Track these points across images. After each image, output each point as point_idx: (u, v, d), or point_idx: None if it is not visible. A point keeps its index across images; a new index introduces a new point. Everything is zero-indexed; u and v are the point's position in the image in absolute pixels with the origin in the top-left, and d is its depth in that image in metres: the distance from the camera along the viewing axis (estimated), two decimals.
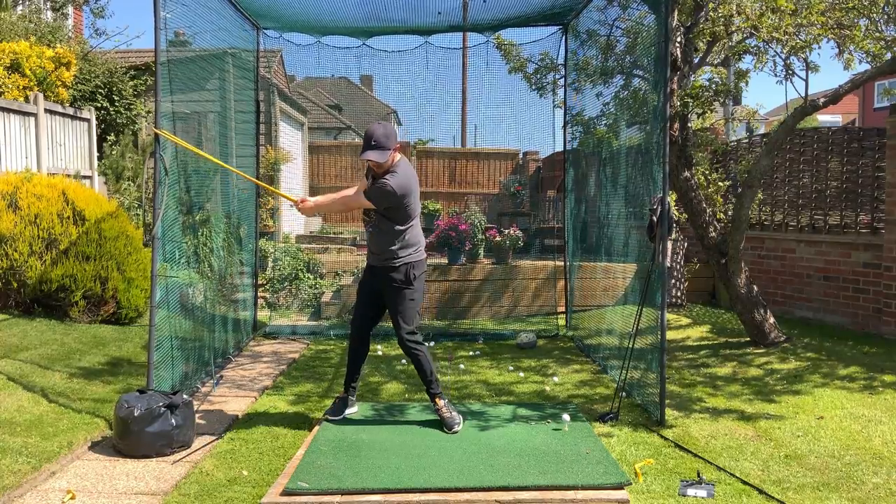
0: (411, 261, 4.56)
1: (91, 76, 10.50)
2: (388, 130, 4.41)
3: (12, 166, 7.99)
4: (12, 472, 3.66)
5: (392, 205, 4.44)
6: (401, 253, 4.53)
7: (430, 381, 4.65)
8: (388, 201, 4.42)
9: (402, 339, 4.57)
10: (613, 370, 5.87)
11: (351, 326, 4.82)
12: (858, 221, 7.36)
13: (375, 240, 4.57)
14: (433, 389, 4.66)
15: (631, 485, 3.69)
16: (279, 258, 9.58)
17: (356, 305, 4.78)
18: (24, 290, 6.62)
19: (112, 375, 5.44)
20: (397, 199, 4.42)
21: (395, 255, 4.52)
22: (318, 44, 7.60)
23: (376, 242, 4.57)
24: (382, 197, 4.42)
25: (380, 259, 4.58)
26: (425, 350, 4.66)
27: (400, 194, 4.40)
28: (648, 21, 5.63)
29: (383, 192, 4.40)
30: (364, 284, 4.77)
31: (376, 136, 4.35)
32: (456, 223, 9.03)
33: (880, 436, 4.43)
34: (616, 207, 6.53)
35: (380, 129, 4.39)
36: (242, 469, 3.94)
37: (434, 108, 8.12)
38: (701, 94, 6.39)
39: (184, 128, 5.46)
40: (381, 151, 4.36)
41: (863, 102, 25.59)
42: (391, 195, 4.39)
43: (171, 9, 4.89)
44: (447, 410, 4.59)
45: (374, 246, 4.60)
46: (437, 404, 4.63)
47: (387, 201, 4.43)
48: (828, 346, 6.63)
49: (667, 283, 6.87)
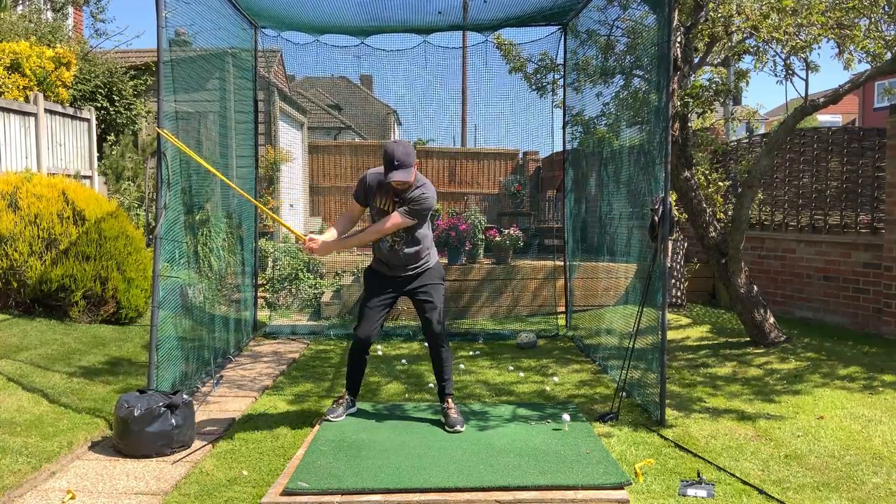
0: (438, 259, 4.79)
1: (91, 76, 10.50)
2: (408, 149, 4.39)
3: (12, 166, 7.99)
4: (12, 472, 3.66)
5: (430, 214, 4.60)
6: (432, 253, 4.70)
7: (448, 378, 4.70)
8: (428, 213, 4.55)
9: (439, 334, 4.64)
10: (613, 370, 5.87)
11: (359, 336, 4.60)
12: (858, 221, 7.36)
13: (406, 253, 4.55)
14: (448, 390, 4.69)
15: (631, 485, 3.69)
16: (279, 258, 9.58)
17: (368, 315, 4.60)
18: (24, 290, 6.61)
19: (112, 375, 5.44)
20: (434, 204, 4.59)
21: (428, 256, 4.66)
22: (317, 43, 7.60)
23: (408, 255, 4.56)
24: (425, 211, 4.50)
25: (412, 268, 4.61)
26: (450, 349, 4.78)
27: (435, 198, 4.57)
28: (649, 21, 5.62)
29: (426, 207, 4.48)
30: (375, 296, 4.63)
31: (398, 156, 4.30)
32: (456, 223, 9.03)
33: (880, 436, 4.43)
34: (616, 207, 6.53)
35: (399, 148, 4.35)
36: (242, 469, 3.94)
37: (434, 108, 8.13)
38: (701, 94, 6.39)
39: (184, 128, 5.46)
40: (405, 170, 4.34)
41: (863, 102, 25.59)
42: (432, 207, 4.54)
43: (171, 7, 4.89)
44: (455, 412, 4.61)
45: (405, 259, 4.57)
46: (448, 404, 4.65)
47: (427, 214, 4.55)
48: (828, 346, 6.63)
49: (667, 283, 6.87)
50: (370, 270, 4.74)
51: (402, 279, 4.63)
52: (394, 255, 4.57)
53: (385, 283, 4.65)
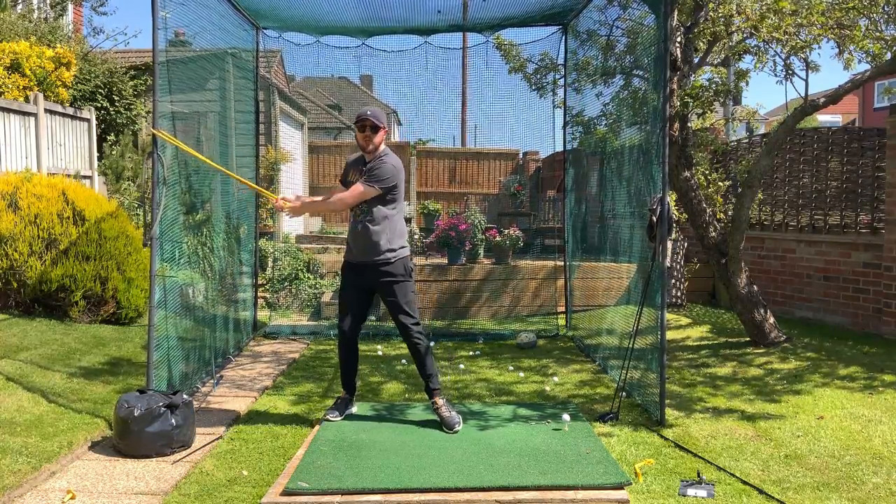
0: (405, 255, 4.66)
1: (91, 76, 10.50)
2: (381, 112, 4.66)
3: (12, 166, 7.99)
4: (12, 472, 3.66)
5: (395, 182, 4.57)
6: (394, 246, 4.60)
7: (431, 375, 4.67)
8: (391, 179, 4.55)
9: (411, 331, 4.59)
10: (613, 370, 5.87)
11: (340, 332, 4.72)
12: (858, 221, 7.36)
13: (366, 234, 4.57)
14: (432, 385, 4.66)
15: (631, 485, 3.69)
16: (279, 258, 9.58)
17: (343, 311, 4.71)
18: (24, 290, 6.62)
19: (112, 375, 5.44)
20: (397, 177, 4.59)
21: (389, 250, 4.58)
22: (318, 43, 7.60)
23: (367, 236, 4.57)
24: (384, 175, 4.53)
25: (371, 256, 4.58)
26: (428, 343, 4.71)
27: (397, 170, 4.59)
28: (648, 21, 5.62)
29: (383, 173, 4.53)
30: (349, 287, 4.71)
31: (372, 111, 4.59)
32: (456, 223, 9.03)
33: (880, 436, 4.43)
34: (616, 207, 6.53)
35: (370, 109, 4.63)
36: (242, 469, 3.94)
37: (434, 108, 8.12)
38: (701, 94, 6.39)
39: (184, 128, 5.46)
40: (377, 119, 4.56)
41: (863, 102, 25.61)
42: (392, 170, 4.56)
43: (170, 8, 4.88)
44: (446, 410, 4.59)
45: (364, 241, 4.58)
46: (437, 403, 4.63)
47: (389, 179, 4.55)
48: (828, 346, 6.63)
49: (667, 283, 6.87)
50: (344, 262, 4.81)
51: (368, 271, 4.61)
52: (355, 235, 4.64)
53: (355, 272, 4.69)
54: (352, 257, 4.70)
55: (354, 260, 4.68)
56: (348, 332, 4.69)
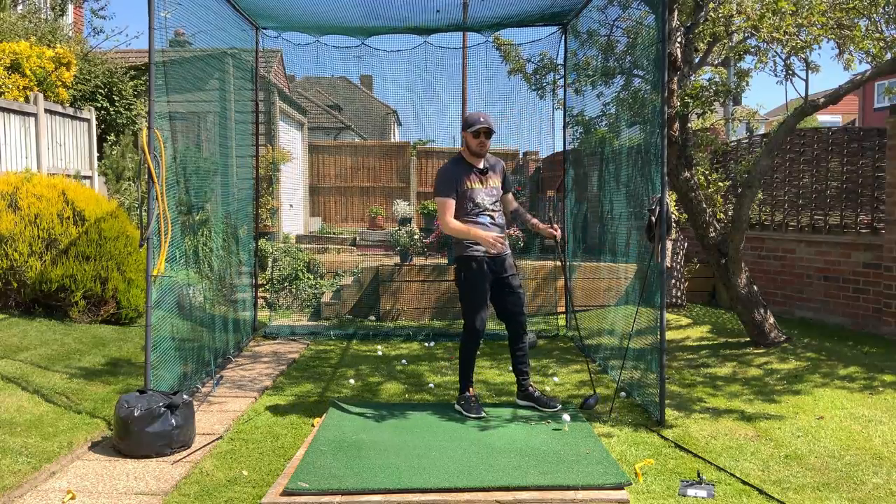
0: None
1: (91, 76, 10.50)
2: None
3: (12, 166, 7.99)
4: (12, 472, 3.66)
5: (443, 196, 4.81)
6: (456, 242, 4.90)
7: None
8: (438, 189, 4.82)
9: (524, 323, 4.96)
10: (613, 370, 5.87)
11: (479, 329, 4.87)
12: (858, 221, 7.36)
13: (503, 230, 4.88)
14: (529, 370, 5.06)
15: (631, 485, 3.69)
16: (279, 258, 9.58)
17: (483, 306, 4.87)
18: (24, 290, 6.61)
19: (112, 375, 5.44)
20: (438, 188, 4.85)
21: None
22: (317, 43, 7.60)
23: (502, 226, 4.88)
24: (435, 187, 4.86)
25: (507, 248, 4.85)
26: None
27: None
28: (648, 21, 5.62)
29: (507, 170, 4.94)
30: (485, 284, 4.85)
31: (485, 116, 4.77)
32: None
33: (880, 436, 4.43)
34: (616, 208, 6.53)
35: (482, 115, 4.80)
36: (242, 469, 3.94)
37: (434, 108, 8.12)
38: (701, 94, 6.39)
39: (182, 128, 5.46)
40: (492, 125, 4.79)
41: (863, 102, 25.62)
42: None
43: (169, 8, 4.88)
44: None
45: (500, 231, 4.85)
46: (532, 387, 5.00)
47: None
48: (828, 346, 6.63)
49: (666, 283, 6.86)
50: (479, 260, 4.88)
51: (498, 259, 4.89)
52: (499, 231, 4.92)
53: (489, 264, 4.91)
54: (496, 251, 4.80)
55: (493, 253, 4.81)
56: (484, 324, 4.90)
